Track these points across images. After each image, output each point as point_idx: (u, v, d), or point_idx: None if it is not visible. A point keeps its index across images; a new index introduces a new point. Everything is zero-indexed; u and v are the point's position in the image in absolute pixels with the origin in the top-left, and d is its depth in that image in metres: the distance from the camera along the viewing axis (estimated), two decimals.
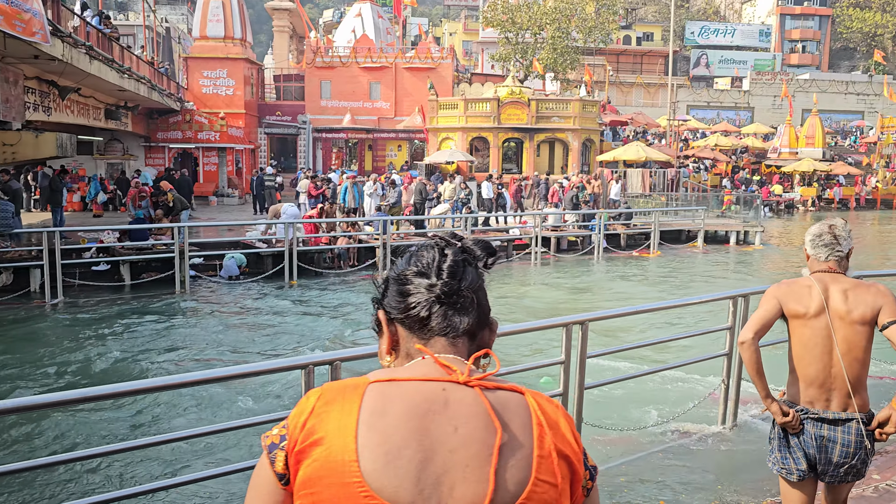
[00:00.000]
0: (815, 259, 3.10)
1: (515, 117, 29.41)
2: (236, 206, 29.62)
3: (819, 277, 3.03)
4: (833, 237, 3.06)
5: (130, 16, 59.27)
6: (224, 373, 4.34)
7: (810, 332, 2.94)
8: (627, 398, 7.84)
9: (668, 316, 12.11)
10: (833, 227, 3.08)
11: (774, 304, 3.02)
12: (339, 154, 35.42)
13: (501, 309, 13.30)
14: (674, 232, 23.25)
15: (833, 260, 3.05)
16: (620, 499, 5.32)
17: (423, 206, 20.32)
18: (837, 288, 2.97)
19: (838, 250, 3.06)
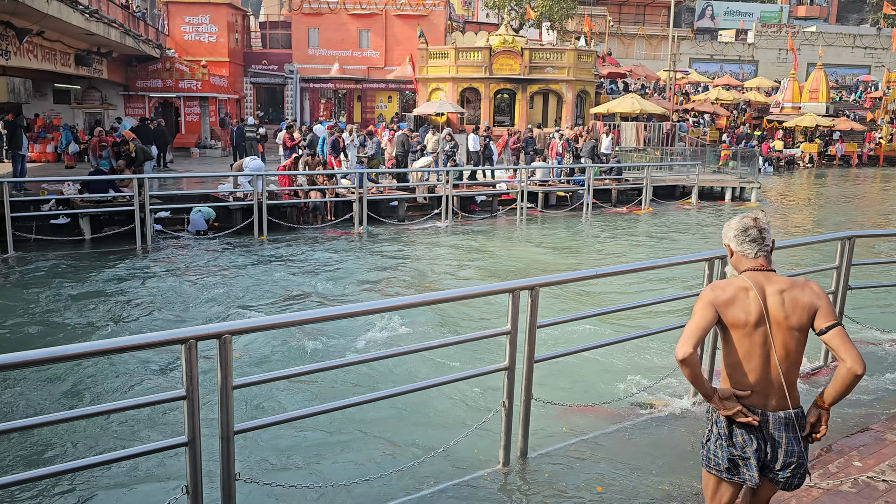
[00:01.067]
0: (743, 256, 2.97)
1: (508, 67, 28.29)
2: (218, 158, 28.68)
3: (753, 278, 2.91)
4: (759, 231, 2.95)
5: None
6: (96, 347, 3.63)
7: (749, 343, 2.85)
8: (602, 369, 7.20)
9: (655, 277, 11.43)
10: (757, 220, 2.97)
11: (711, 312, 2.84)
12: (328, 105, 34.32)
13: (476, 270, 12.61)
14: (667, 188, 22.45)
15: (762, 256, 2.95)
16: (558, 481, 4.72)
17: (405, 159, 19.46)
18: (773, 289, 2.88)
19: (766, 245, 2.96)
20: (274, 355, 7.70)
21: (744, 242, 2.95)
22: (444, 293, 4.81)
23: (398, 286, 11.15)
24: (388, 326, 8.43)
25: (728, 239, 3.01)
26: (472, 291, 4.97)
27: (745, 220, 2.97)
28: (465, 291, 4.96)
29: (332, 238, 15.42)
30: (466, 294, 4.91)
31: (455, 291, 4.77)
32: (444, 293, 4.81)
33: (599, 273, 5.42)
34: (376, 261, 13.14)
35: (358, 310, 4.32)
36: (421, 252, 14.17)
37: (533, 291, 4.97)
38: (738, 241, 2.96)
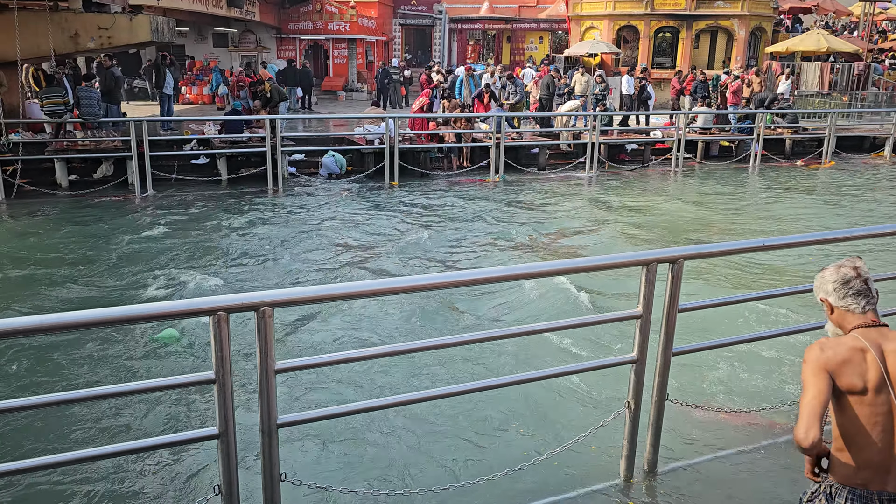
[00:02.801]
0: (849, 312, 2.59)
1: (672, 2, 25.60)
2: (365, 101, 28.47)
3: (867, 336, 2.52)
4: (863, 282, 2.58)
5: None
6: (106, 315, 2.92)
7: (868, 411, 2.45)
8: (750, 362, 5.79)
9: (838, 250, 9.54)
10: (859, 270, 2.61)
11: (826, 379, 2.42)
12: (475, 47, 33.09)
13: (618, 229, 11.22)
14: (854, 139, 19.44)
15: (871, 310, 2.58)
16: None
17: (549, 102, 18.03)
18: (892, 348, 2.48)
19: (873, 297, 2.60)
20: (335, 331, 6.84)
21: (847, 296, 2.57)
22: (546, 265, 3.74)
23: (520, 248, 10.04)
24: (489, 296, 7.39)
25: (825, 293, 2.63)
26: (591, 263, 3.81)
27: (843, 269, 2.61)
28: (582, 263, 3.82)
29: (464, 186, 14.51)
30: (583, 266, 3.77)
31: (565, 263, 3.68)
32: (546, 265, 3.74)
33: (767, 245, 4.06)
34: (505, 214, 12.08)
35: (425, 283, 3.36)
36: (558, 205, 12.92)
37: (675, 265, 3.79)
38: (841, 296, 2.58)
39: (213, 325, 2.82)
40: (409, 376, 5.65)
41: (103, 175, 13.79)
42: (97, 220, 11.18)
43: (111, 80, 13.76)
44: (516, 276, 3.75)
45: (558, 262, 3.63)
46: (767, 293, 4.46)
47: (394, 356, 4.69)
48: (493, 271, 3.65)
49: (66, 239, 10.16)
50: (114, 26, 13.52)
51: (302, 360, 3.26)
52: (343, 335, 6.59)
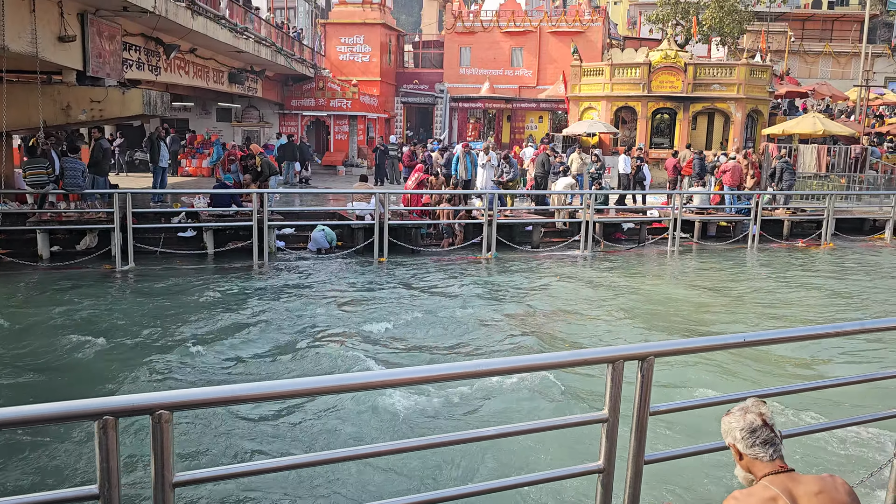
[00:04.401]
0: (758, 460, 2.58)
1: (669, 84, 25.91)
2: None
3: (778, 483, 2.51)
4: (770, 430, 2.59)
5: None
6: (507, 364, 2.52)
7: None
8: None
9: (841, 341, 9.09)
10: (764, 416, 2.61)
11: None
12: (476, 125, 33.49)
13: (609, 311, 10.81)
14: (853, 221, 19.21)
15: (779, 457, 2.58)
16: None
17: (545, 180, 17.91)
18: (805, 491, 2.49)
19: (779, 444, 2.61)
20: None
21: (755, 445, 2.58)
22: (498, 363, 3.30)
23: (506, 329, 9.59)
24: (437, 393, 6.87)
25: (733, 439, 2.64)
26: (549, 360, 3.42)
27: (749, 417, 2.62)
28: (540, 360, 3.43)
29: (454, 263, 14.20)
30: (540, 363, 3.38)
31: (542, 358, 3.26)
32: (498, 363, 3.30)
33: (748, 340, 3.67)
34: (494, 293, 11.69)
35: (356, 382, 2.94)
36: (550, 285, 12.54)
37: (645, 363, 3.38)
38: (748, 444, 2.58)
39: (98, 433, 2.41)
40: None
41: (87, 247, 13.53)
42: (61, 292, 10.84)
43: (99, 152, 13.69)
44: (461, 375, 3.34)
45: (513, 358, 3.22)
46: (756, 392, 4.01)
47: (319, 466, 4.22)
48: (436, 369, 3.25)
49: (17, 310, 9.82)
50: (106, 99, 13.54)
51: (206, 472, 2.82)
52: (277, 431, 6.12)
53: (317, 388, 2.91)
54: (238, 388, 2.76)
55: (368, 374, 2.86)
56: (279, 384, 2.91)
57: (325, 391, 2.99)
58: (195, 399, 2.84)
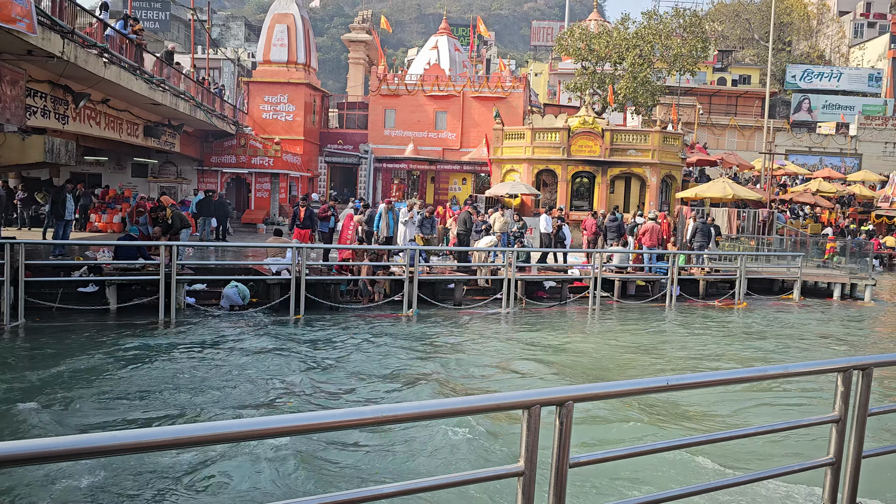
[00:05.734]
0: None
1: (587, 149, 26.65)
2: (284, 234, 27.95)
3: None
4: None
5: (220, 52, 60.50)
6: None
7: None
8: None
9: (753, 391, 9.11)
10: None
11: None
12: (400, 185, 33.52)
13: (531, 368, 10.59)
14: (764, 281, 19.86)
15: None
16: None
17: (467, 238, 17.84)
18: None
19: None
20: None
21: None
22: (398, 408, 2.95)
23: (420, 386, 9.20)
24: None
25: None
26: (457, 406, 3.08)
27: None
28: (447, 406, 3.08)
29: (374, 320, 13.75)
30: (445, 410, 3.03)
31: (422, 406, 2.91)
32: (398, 408, 2.95)
33: (671, 384, 3.43)
34: (413, 350, 11.30)
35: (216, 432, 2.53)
36: (471, 342, 12.25)
37: (563, 408, 3.13)
38: None
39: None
40: None
41: None
42: None
43: None
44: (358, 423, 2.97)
45: (418, 403, 2.87)
46: (681, 441, 3.78)
47: None
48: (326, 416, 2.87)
49: None
50: (4, 145, 12.72)
51: None
52: None
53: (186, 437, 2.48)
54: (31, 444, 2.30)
55: (244, 422, 2.45)
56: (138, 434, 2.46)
57: (195, 441, 2.55)
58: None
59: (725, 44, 74.00)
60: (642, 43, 31.30)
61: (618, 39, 31.64)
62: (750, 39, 76.41)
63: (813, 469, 4.09)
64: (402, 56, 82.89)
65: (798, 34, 79.18)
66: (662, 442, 3.70)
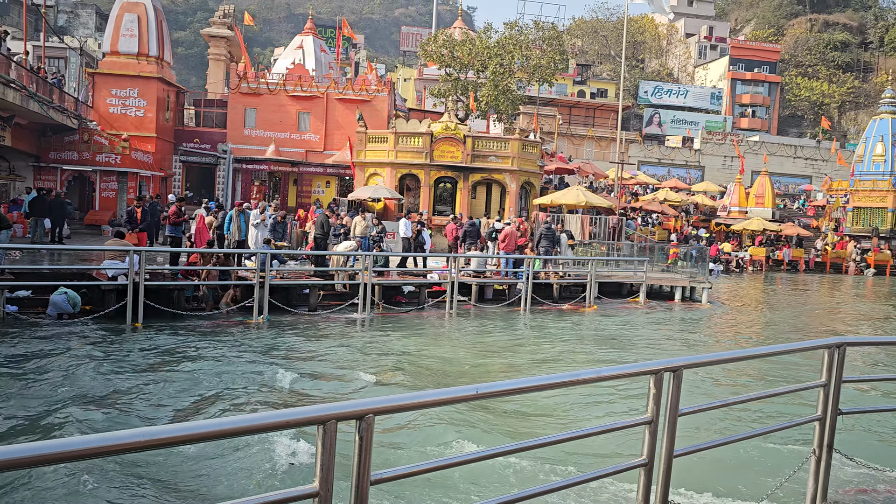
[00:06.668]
0: None
1: (450, 155, 26.96)
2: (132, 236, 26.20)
3: None
4: None
5: (67, 40, 56.13)
6: None
7: None
8: None
9: (593, 392, 9.38)
10: None
11: None
12: (261, 188, 32.41)
13: (374, 371, 10.39)
14: (613, 285, 20.81)
15: None
16: None
17: (324, 242, 17.43)
18: None
19: None
20: None
21: None
22: (162, 431, 2.64)
23: (258, 396, 8.79)
24: None
25: None
26: (242, 425, 2.79)
27: None
28: (225, 426, 2.80)
29: (220, 328, 13.07)
30: (222, 431, 2.76)
31: (187, 428, 2.62)
32: (162, 431, 2.64)
33: (481, 392, 3.32)
34: (258, 359, 10.78)
35: None
36: (322, 349, 11.88)
37: (363, 422, 2.93)
38: None
39: None
40: None
41: None
42: None
43: None
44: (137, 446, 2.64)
45: (189, 425, 2.57)
46: (491, 451, 3.67)
47: None
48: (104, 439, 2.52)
49: None
50: None
51: None
52: None
53: None
54: None
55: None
56: None
57: None
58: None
59: (585, 58, 77.68)
60: (503, 52, 32.08)
61: (480, 48, 32.25)
62: (607, 55, 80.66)
63: (626, 471, 4.14)
64: (270, 55, 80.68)
65: (650, 53, 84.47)
66: (472, 453, 3.59)
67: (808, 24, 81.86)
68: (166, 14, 34.46)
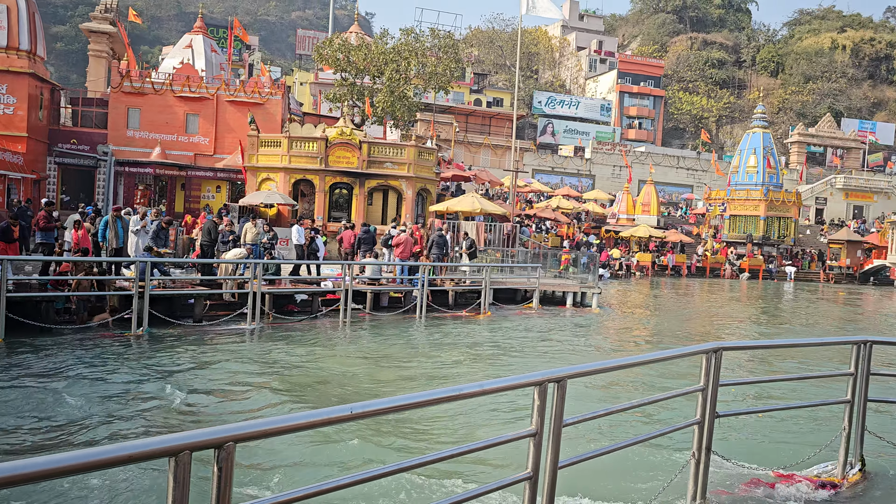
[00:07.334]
0: None
1: (345, 160, 26.55)
2: None
3: None
4: None
5: None
6: None
7: None
8: None
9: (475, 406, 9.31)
10: None
11: None
12: (146, 192, 30.82)
13: (260, 386, 9.97)
14: (508, 291, 21.06)
15: None
16: None
17: (211, 249, 16.69)
18: None
19: None
20: None
21: None
22: None
23: (123, 418, 8.22)
24: None
25: None
26: (70, 463, 2.47)
27: None
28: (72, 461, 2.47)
29: (93, 342, 12.20)
30: (83, 463, 2.43)
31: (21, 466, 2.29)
32: None
33: (355, 413, 3.14)
34: (130, 374, 10.11)
35: None
36: (199, 364, 11.25)
37: (222, 451, 2.69)
38: None
39: None
40: None
41: None
42: None
43: None
44: None
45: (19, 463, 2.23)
46: (369, 474, 3.47)
47: None
48: None
49: None
50: None
51: None
52: None
53: None
54: None
55: None
56: None
57: None
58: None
59: (482, 67, 78.93)
60: (400, 58, 31.99)
61: (376, 53, 32.02)
62: (503, 65, 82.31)
63: (512, 485, 4.05)
64: (159, 54, 77.26)
65: (544, 64, 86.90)
66: (350, 476, 3.38)
67: (688, 41, 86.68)
68: (44, 7, 32.31)
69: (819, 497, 5.71)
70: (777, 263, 44.92)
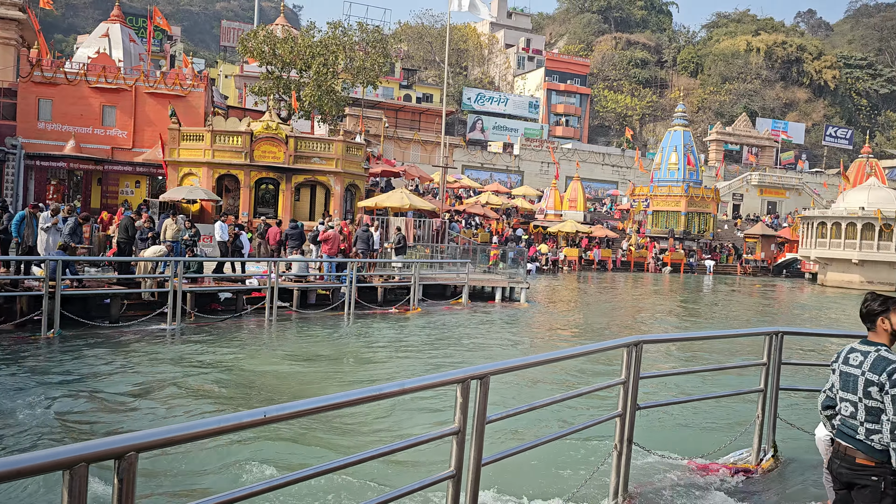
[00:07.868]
0: None
1: (271, 155, 25.98)
2: None
3: None
4: None
5: None
6: None
7: None
8: None
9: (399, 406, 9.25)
10: None
11: None
12: (60, 187, 29.41)
13: (176, 391, 9.63)
14: (438, 287, 21.07)
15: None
16: None
17: (129, 247, 16.04)
18: None
19: None
20: None
21: None
22: None
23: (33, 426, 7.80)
24: None
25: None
26: None
27: None
28: None
29: (16, 344, 11.53)
30: None
31: None
32: None
33: (269, 417, 3.01)
34: (38, 380, 9.59)
35: None
36: (112, 368, 10.75)
37: (123, 462, 2.53)
38: None
39: None
40: None
41: None
42: None
43: None
44: None
45: None
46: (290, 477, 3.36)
47: None
48: None
49: None
50: None
51: None
52: None
53: None
54: None
55: None
56: None
57: None
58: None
59: (411, 63, 78.72)
60: (327, 52, 31.51)
61: (302, 46, 31.44)
62: (432, 61, 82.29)
63: (436, 484, 4.00)
64: (74, 42, 73.90)
65: (473, 61, 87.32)
66: (269, 480, 3.25)
67: (613, 41, 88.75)
68: None
69: (734, 483, 5.89)
70: (697, 257, 46.54)
